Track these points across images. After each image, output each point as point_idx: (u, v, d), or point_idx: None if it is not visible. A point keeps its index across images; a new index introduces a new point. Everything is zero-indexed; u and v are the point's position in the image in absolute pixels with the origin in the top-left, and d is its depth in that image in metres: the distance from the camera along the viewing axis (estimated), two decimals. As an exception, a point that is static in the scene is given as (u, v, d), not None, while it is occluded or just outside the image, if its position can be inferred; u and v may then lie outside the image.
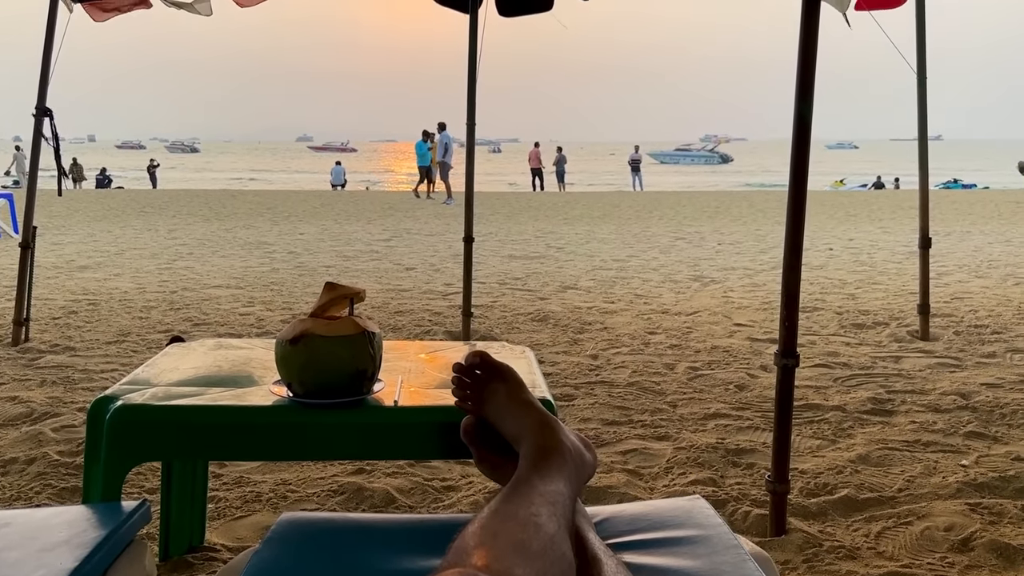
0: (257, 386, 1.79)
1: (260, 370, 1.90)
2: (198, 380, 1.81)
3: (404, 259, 8.54)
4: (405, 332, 4.93)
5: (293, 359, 1.67)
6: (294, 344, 1.67)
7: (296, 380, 1.68)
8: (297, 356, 1.67)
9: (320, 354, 1.65)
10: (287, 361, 1.68)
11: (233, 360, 1.98)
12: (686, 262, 8.43)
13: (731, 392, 3.69)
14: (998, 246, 9.60)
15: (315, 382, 1.67)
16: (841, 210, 15.48)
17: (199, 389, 1.74)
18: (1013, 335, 4.79)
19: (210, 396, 1.71)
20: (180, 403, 1.66)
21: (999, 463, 2.78)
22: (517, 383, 1.34)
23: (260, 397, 1.72)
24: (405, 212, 15.17)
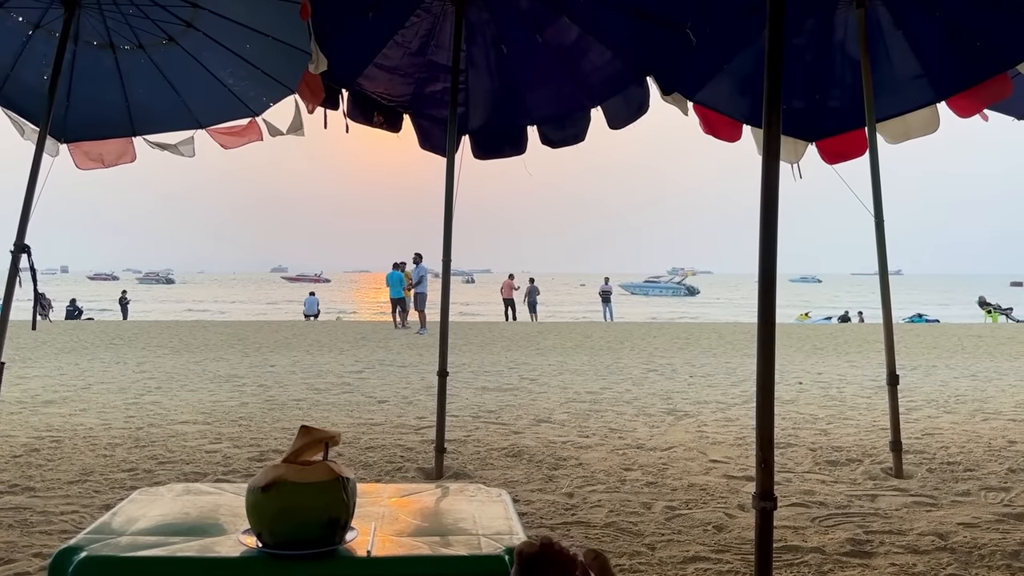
0: (226, 535, 1.74)
1: (229, 518, 1.86)
2: (165, 529, 1.76)
3: (376, 391, 8.46)
4: (376, 469, 4.83)
5: (265, 507, 1.64)
6: (266, 491, 1.64)
7: (267, 530, 1.64)
8: (269, 504, 1.64)
9: (293, 502, 1.62)
10: (258, 509, 1.65)
11: (201, 507, 1.93)
12: (659, 394, 8.44)
13: (710, 533, 3.63)
14: (964, 380, 9.76)
15: (287, 532, 1.63)
16: (808, 343, 15.73)
17: (166, 539, 1.70)
18: (985, 472, 4.80)
19: (177, 547, 1.66)
20: (147, 555, 1.60)
21: (982, 608, 2.73)
22: None
23: (229, 547, 1.67)
24: (378, 343, 15.14)
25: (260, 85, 5.47)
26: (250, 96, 5.59)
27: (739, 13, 5.02)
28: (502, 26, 5.45)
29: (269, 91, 5.50)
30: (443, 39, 5.50)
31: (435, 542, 1.71)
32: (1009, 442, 5.77)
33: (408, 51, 5.61)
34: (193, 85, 5.46)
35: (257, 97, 5.59)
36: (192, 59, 5.25)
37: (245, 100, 5.62)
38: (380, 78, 5.72)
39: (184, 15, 4.94)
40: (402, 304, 19.25)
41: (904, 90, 5.43)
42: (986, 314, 29.25)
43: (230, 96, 5.54)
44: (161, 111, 5.65)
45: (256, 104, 5.64)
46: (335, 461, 1.74)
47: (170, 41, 5.14)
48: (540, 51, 5.53)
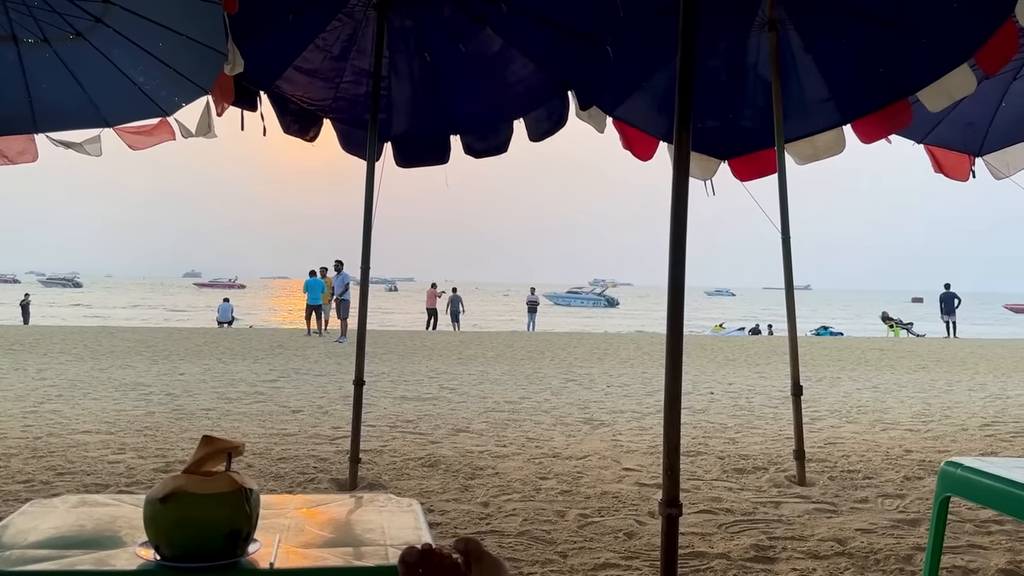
0: (122, 548, 1.68)
1: (127, 530, 1.80)
2: (58, 542, 1.69)
3: (291, 401, 8.29)
4: (287, 481, 4.73)
5: (163, 519, 1.59)
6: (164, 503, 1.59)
7: (165, 542, 1.60)
8: (167, 516, 1.59)
9: (192, 514, 1.57)
10: (156, 521, 1.60)
11: (97, 519, 1.86)
12: (576, 404, 8.53)
13: (620, 540, 3.69)
14: (866, 392, 10.20)
15: (185, 544, 1.58)
16: (721, 354, 16.18)
17: (58, 552, 1.63)
18: (883, 480, 5.03)
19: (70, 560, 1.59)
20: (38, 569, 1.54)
21: (875, 609, 2.85)
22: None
23: (125, 561, 1.62)
24: (294, 351, 14.85)
25: (172, 85, 5.32)
26: (161, 96, 5.43)
27: (658, 32, 5.15)
28: (425, 34, 5.45)
29: (182, 91, 5.34)
30: (365, 44, 5.46)
31: (341, 553, 1.69)
32: (906, 451, 6.06)
33: (329, 55, 5.55)
34: (101, 83, 5.27)
35: (169, 97, 5.44)
36: (101, 56, 5.06)
37: (156, 99, 5.45)
38: (300, 81, 5.64)
39: (94, 10, 4.76)
40: (318, 311, 19.04)
41: (812, 112, 5.66)
42: (888, 328, 30.66)
43: (140, 95, 5.37)
44: (66, 108, 5.43)
45: (168, 104, 5.48)
46: (238, 472, 1.70)
47: (78, 36, 4.95)
48: (463, 61, 5.55)
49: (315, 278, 19.17)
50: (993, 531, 3.83)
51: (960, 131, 6.52)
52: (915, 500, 4.50)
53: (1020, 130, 6.48)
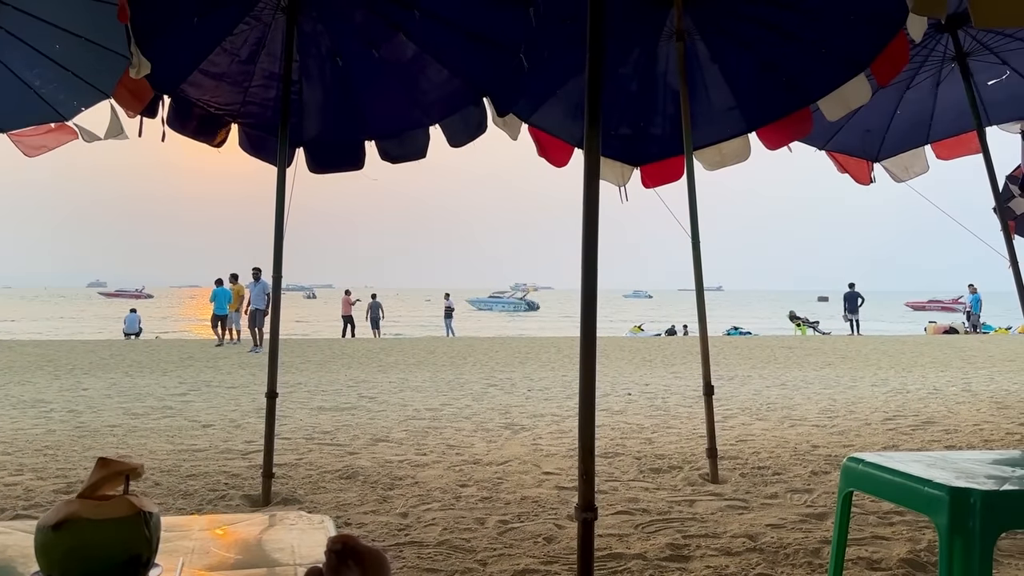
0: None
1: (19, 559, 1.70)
2: (-63, 577, 1.58)
3: (201, 415, 8.03)
4: (197, 499, 4.57)
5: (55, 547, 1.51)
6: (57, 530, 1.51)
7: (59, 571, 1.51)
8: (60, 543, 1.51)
9: (87, 540, 1.50)
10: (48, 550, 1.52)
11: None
12: (498, 409, 8.54)
13: (540, 545, 3.70)
14: (775, 389, 10.55)
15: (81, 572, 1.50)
16: (638, 355, 16.49)
17: (-63, 588, 1.52)
18: (791, 475, 5.20)
19: (-50, 596, 1.50)
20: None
21: (784, 602, 2.94)
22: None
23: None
24: (206, 362, 14.40)
25: (71, 88, 5.11)
26: (59, 99, 5.21)
27: (569, 40, 5.22)
28: (337, 39, 5.38)
29: (81, 95, 5.14)
30: (275, 48, 5.35)
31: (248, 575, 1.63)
32: (813, 446, 6.28)
33: (237, 59, 5.42)
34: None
35: (67, 101, 5.22)
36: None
37: (54, 104, 5.23)
38: (206, 85, 5.48)
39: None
40: (224, 321, 18.70)
41: (719, 120, 5.84)
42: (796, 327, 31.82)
43: (37, 99, 5.13)
44: (-47, 112, 5.15)
45: (66, 108, 5.25)
46: (137, 494, 1.63)
47: (-35, 36, 4.70)
48: (377, 66, 5.50)
49: (221, 287, 18.83)
50: (895, 522, 4.00)
51: (859, 137, 6.84)
52: (822, 494, 4.67)
53: (915, 136, 6.84)
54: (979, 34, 5.59)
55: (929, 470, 2.37)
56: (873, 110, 6.34)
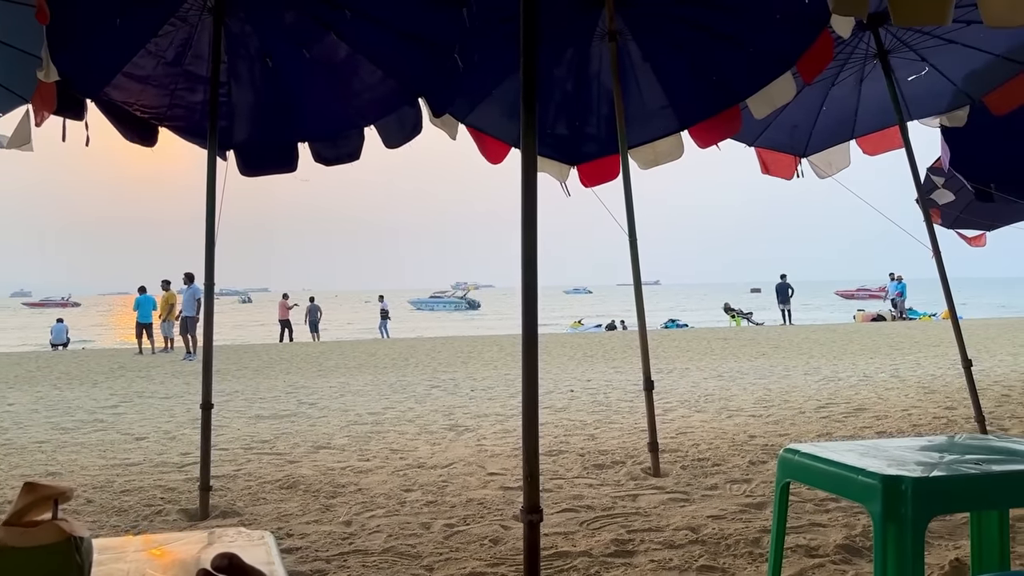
0: (-71, 617, 1.51)
1: (-63, 593, 1.61)
2: None
3: (135, 428, 7.79)
4: (132, 515, 4.42)
5: (-22, 580, 1.44)
6: (-19, 561, 1.44)
7: (-18, 605, 1.44)
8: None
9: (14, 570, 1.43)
10: (-29, 583, 1.45)
11: (-101, 585, 1.66)
12: (441, 411, 8.51)
13: (486, 547, 3.70)
14: (712, 381, 10.77)
15: (7, 605, 1.44)
16: (580, 351, 16.62)
17: None
18: (730, 466, 5.31)
19: None
20: None
21: (727, 593, 3.00)
22: None
23: (-68, 632, 1.45)
24: (137, 372, 13.98)
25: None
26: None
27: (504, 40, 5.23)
28: (266, 39, 5.27)
29: None
30: (202, 50, 5.22)
31: (187, 597, 1.59)
32: (750, 436, 6.43)
33: (163, 61, 5.27)
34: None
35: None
36: None
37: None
38: (132, 88, 5.32)
39: None
40: (148, 329, 18.31)
41: (652, 119, 5.92)
42: (730, 318, 32.54)
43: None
44: None
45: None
46: (67, 519, 1.57)
47: None
48: (309, 67, 5.42)
49: (145, 295, 18.45)
50: (831, 509, 4.12)
51: (787, 134, 7.01)
52: (760, 484, 4.78)
53: (840, 132, 7.05)
54: (899, 32, 5.79)
55: (862, 459, 2.44)
56: (800, 107, 6.51)
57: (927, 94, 6.47)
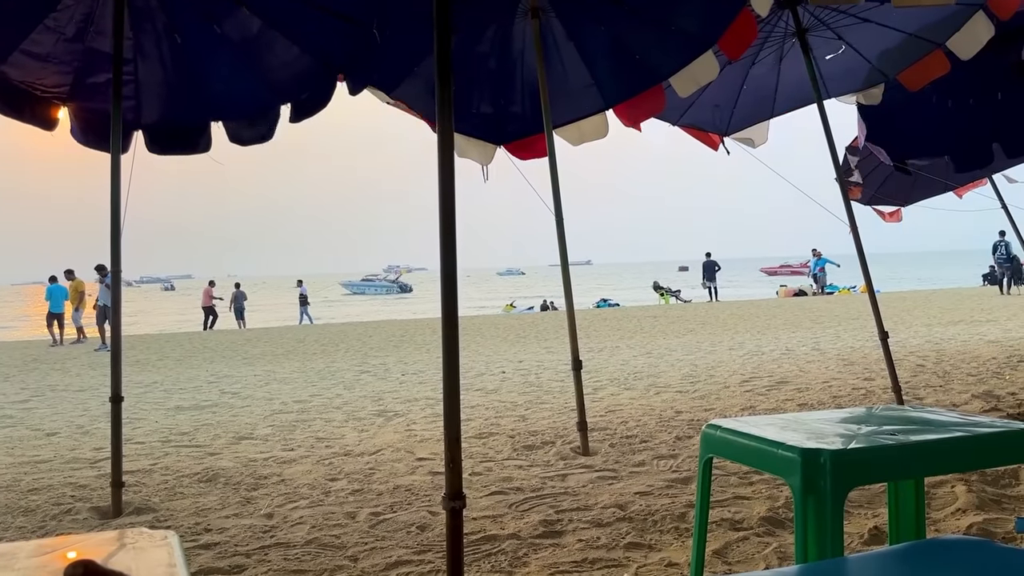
0: None
1: None
2: None
3: (45, 423, 7.43)
4: (40, 515, 4.20)
5: None
6: None
7: None
8: None
9: None
10: None
11: None
12: (370, 396, 8.38)
13: (413, 535, 3.63)
14: (642, 358, 10.89)
15: None
16: (512, 332, 16.63)
17: None
18: (657, 442, 5.36)
19: None
20: None
21: (655, 572, 3.01)
22: None
23: None
24: (52, 364, 13.38)
25: None
26: None
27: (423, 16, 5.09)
28: (173, 14, 5.02)
29: None
30: (104, 25, 4.93)
31: (77, 607, 1.47)
32: (676, 412, 6.51)
33: (63, 36, 4.96)
34: None
35: None
36: None
37: None
38: (30, 66, 5.01)
39: None
40: (59, 319, 17.80)
41: (577, 98, 5.87)
42: (659, 296, 33.05)
43: None
44: None
45: None
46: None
47: None
48: (219, 43, 5.18)
49: (56, 284, 17.91)
50: (754, 481, 4.19)
51: (709, 112, 7.07)
52: (686, 459, 4.83)
53: (760, 110, 7.15)
54: (816, 11, 5.87)
55: (782, 433, 2.45)
56: (721, 86, 6.56)
57: (844, 72, 6.60)
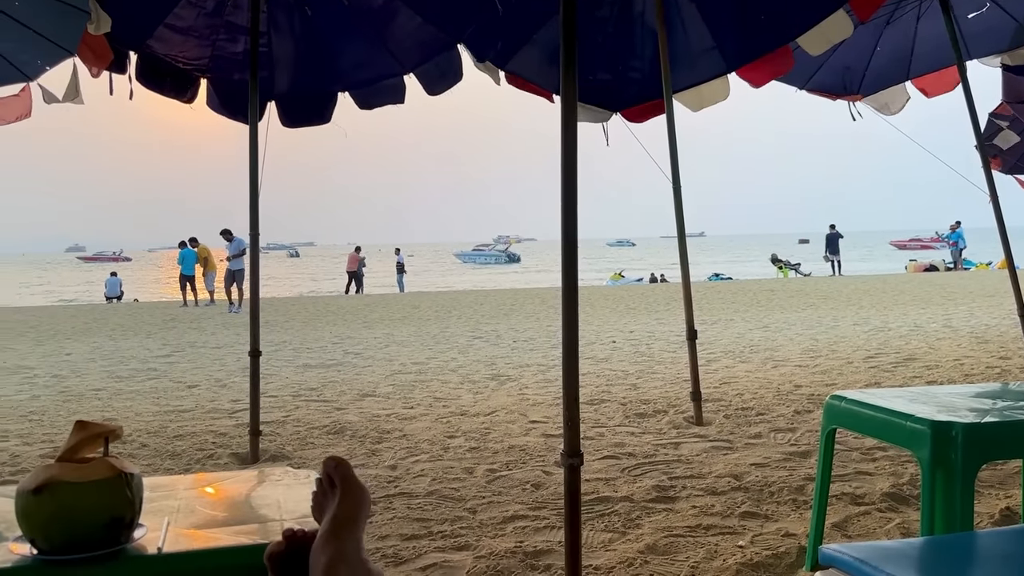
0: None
1: (1, 524, 1.68)
2: (-81, 543, 1.57)
3: (186, 376, 8.01)
4: (185, 459, 4.57)
5: (36, 511, 1.49)
6: (37, 494, 1.49)
7: (41, 535, 1.50)
8: (41, 507, 1.49)
9: (69, 503, 1.48)
10: (29, 514, 1.50)
11: (-35, 516, 1.74)
12: (483, 361, 8.57)
13: (528, 492, 3.74)
14: (758, 332, 10.64)
15: (64, 536, 1.49)
16: (622, 303, 16.55)
17: (-81, 554, 1.51)
18: (775, 415, 5.27)
19: (-67, 563, 1.48)
20: None
21: (771, 541, 2.99)
22: (348, 513, 1.15)
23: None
24: (188, 324, 14.32)
25: (34, 47, 4.94)
26: (22, 60, 5.04)
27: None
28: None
29: (45, 54, 4.98)
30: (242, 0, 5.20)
31: (235, 532, 1.63)
32: (795, 386, 6.36)
33: (203, 11, 5.27)
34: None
35: (31, 60, 5.05)
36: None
37: (17, 64, 5.06)
38: (173, 40, 5.34)
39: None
40: (191, 282, 18.83)
41: (698, 61, 5.75)
42: (778, 270, 32.01)
43: (0, 60, 4.97)
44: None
45: (30, 68, 5.10)
46: (117, 456, 1.61)
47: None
48: (347, 15, 5.36)
49: (187, 249, 19.00)
50: (878, 457, 4.07)
51: (839, 75, 6.77)
52: (805, 433, 4.73)
53: (895, 73, 6.78)
54: (959, -34, 5.51)
55: (911, 405, 2.39)
56: (852, 48, 6.27)
57: (987, 32, 6.17)
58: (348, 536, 1.11)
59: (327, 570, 1.06)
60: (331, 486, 1.21)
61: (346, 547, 1.09)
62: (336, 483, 1.19)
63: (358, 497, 1.17)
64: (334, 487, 1.20)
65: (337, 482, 1.19)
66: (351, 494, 1.18)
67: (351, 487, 1.18)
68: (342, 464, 1.21)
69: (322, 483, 1.23)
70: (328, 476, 1.21)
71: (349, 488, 1.18)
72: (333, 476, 1.20)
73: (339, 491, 1.18)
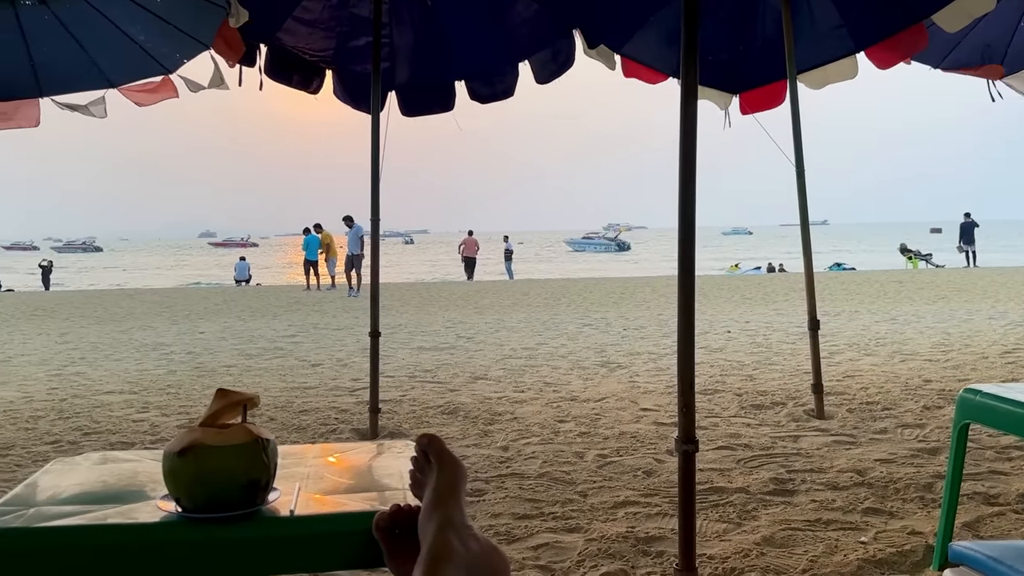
0: (144, 502, 1.70)
1: (149, 484, 1.82)
2: (81, 498, 1.71)
3: (310, 355, 8.37)
4: (310, 432, 4.79)
5: (181, 472, 1.61)
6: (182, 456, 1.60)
7: (185, 494, 1.61)
8: (186, 468, 1.60)
9: (210, 465, 1.58)
10: (175, 474, 1.62)
11: (119, 475, 1.88)
12: (593, 348, 8.55)
13: (639, 478, 3.72)
14: (884, 324, 10.15)
15: (205, 495, 1.60)
16: (737, 293, 16.12)
17: (82, 507, 1.65)
18: (902, 411, 5.02)
19: (94, 515, 1.62)
20: (61, 524, 1.56)
21: (895, 538, 2.87)
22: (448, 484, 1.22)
23: (147, 514, 1.63)
24: (312, 306, 14.94)
25: (173, 41, 5.25)
26: (163, 53, 5.36)
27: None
28: (424, -22, 5.33)
29: (183, 47, 5.28)
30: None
31: (361, 498, 1.70)
32: (925, 381, 6.04)
33: (328, 4, 5.45)
34: (102, 42, 5.21)
35: (170, 54, 5.37)
36: (100, 15, 5.00)
37: (158, 57, 5.38)
38: (300, 32, 5.56)
39: (87, -33, 4.69)
40: (315, 267, 19.52)
41: (824, 41, 5.51)
42: (907, 260, 30.37)
43: (142, 53, 5.30)
44: (69, 70, 5.38)
45: (169, 61, 5.41)
46: (254, 423, 1.71)
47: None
48: (465, 4, 5.44)
49: (311, 235, 19.71)
50: (1014, 457, 3.83)
51: (979, 54, 6.34)
52: (935, 429, 4.49)
53: (1041, 50, 6.29)
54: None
55: (1056, 401, 2.23)
56: (994, 24, 5.85)
57: None
58: (453, 504, 1.17)
59: (436, 534, 1.12)
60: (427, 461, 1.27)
61: (452, 513, 1.15)
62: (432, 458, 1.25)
63: (454, 469, 1.24)
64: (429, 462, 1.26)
65: (432, 457, 1.26)
66: (447, 467, 1.25)
67: (446, 460, 1.25)
68: (435, 440, 1.28)
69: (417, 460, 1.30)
70: (423, 452, 1.28)
71: (445, 461, 1.25)
72: (428, 452, 1.26)
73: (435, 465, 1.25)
